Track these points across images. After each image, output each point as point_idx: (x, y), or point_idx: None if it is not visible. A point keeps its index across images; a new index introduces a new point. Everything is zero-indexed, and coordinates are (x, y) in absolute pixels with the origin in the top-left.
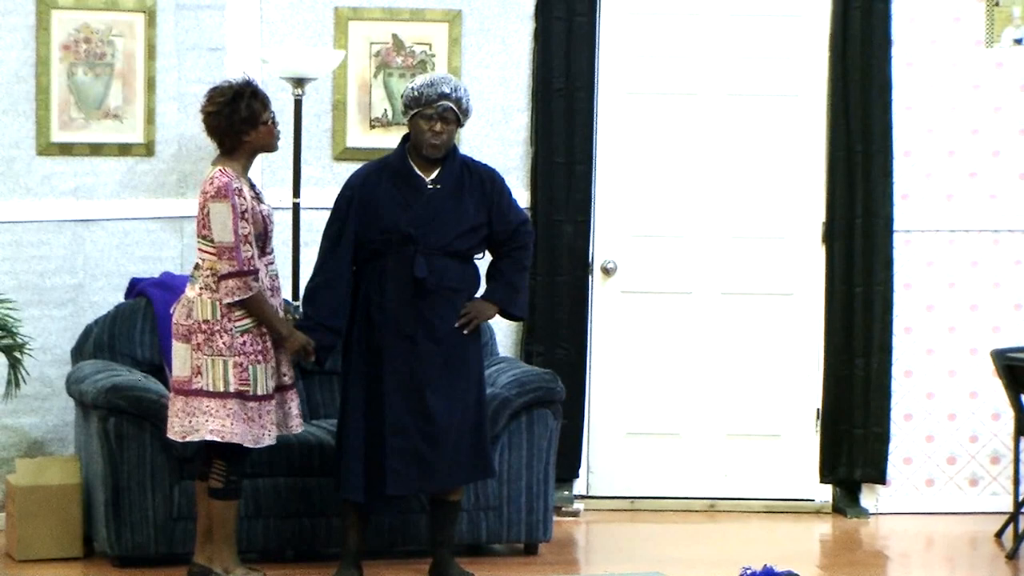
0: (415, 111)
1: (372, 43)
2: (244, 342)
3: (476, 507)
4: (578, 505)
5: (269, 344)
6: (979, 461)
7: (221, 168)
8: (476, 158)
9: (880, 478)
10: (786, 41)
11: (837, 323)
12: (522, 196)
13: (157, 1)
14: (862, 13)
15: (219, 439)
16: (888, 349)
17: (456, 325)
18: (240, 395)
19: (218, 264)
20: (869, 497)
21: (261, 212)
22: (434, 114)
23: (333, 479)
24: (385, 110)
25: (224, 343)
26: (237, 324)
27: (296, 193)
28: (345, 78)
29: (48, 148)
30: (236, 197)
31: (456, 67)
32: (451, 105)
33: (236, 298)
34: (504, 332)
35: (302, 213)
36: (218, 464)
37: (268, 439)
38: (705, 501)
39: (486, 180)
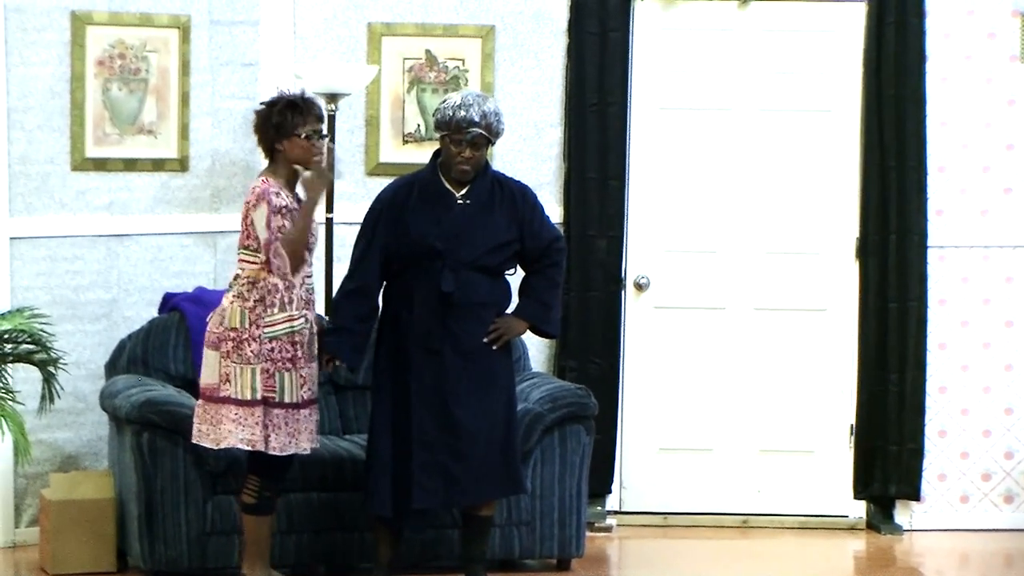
0: (445, 133)
1: (405, 59)
2: (272, 348)
3: (509, 522)
4: (611, 521)
5: (300, 354)
6: (1014, 478)
7: (264, 177)
8: (509, 173)
9: (914, 495)
10: (820, 56)
11: (871, 339)
12: (555, 211)
13: (191, 17)
14: (896, 28)
15: (247, 447)
16: (922, 365)
17: (485, 340)
18: (266, 402)
19: (260, 269)
20: (903, 514)
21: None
22: (463, 140)
23: (363, 493)
24: (418, 125)
25: (252, 351)
26: (266, 331)
27: (329, 208)
28: (378, 93)
29: (83, 163)
30: (274, 198)
31: (489, 83)
32: (480, 131)
33: (284, 264)
34: (537, 347)
35: (335, 228)
36: (252, 479)
37: (294, 447)
38: (738, 517)
39: (517, 196)
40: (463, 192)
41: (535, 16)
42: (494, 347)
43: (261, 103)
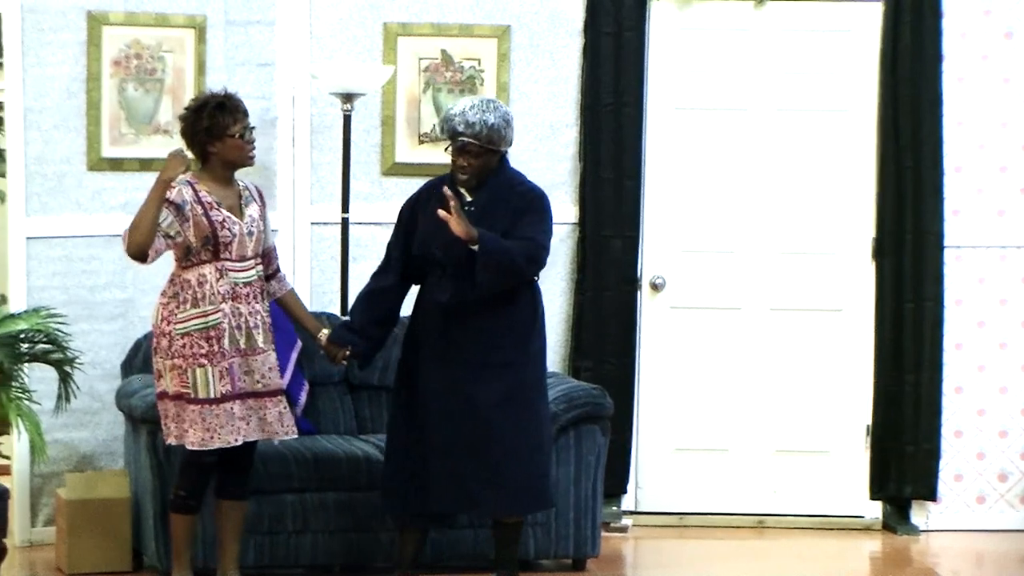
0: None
1: (421, 58)
2: (184, 344)
3: (524, 523)
4: (626, 521)
5: (217, 349)
6: None
7: (191, 175)
8: (524, 173)
9: (930, 495)
10: (836, 56)
11: (887, 339)
12: (570, 211)
13: (207, 17)
14: (912, 28)
15: (173, 443)
16: (938, 365)
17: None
18: (180, 397)
19: (177, 265)
20: (919, 514)
21: (212, 218)
22: (455, 147)
23: (380, 494)
24: (434, 125)
25: (164, 346)
26: (177, 327)
27: (345, 208)
28: (394, 93)
29: (98, 163)
30: (172, 192)
31: (504, 82)
32: (468, 140)
33: (124, 243)
34: (552, 348)
35: (351, 228)
36: (179, 476)
37: (217, 442)
38: (754, 517)
39: (524, 197)
40: (472, 199)
41: (551, 16)
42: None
43: (185, 108)
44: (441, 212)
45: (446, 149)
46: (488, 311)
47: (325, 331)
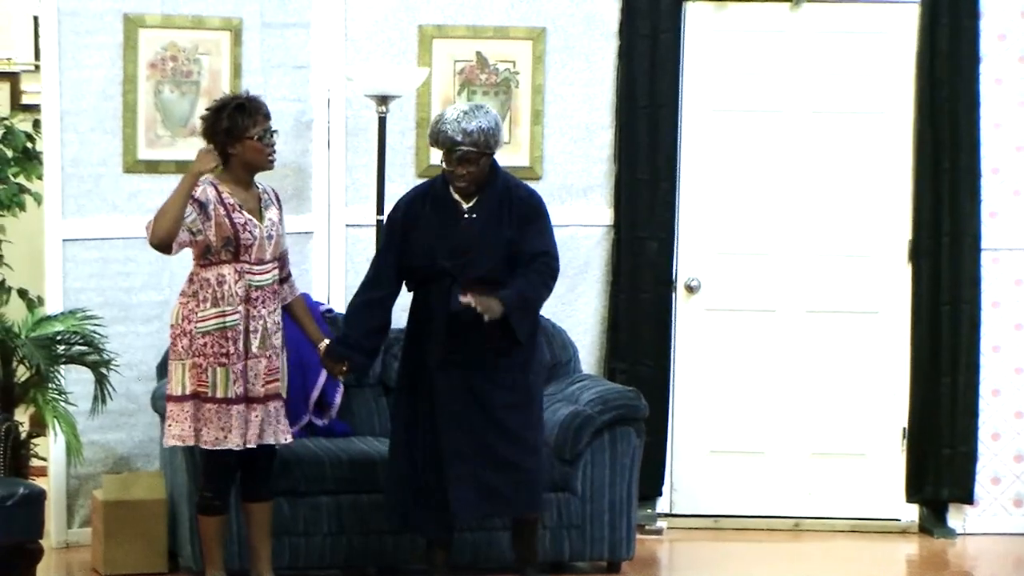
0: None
1: (456, 61)
2: (205, 344)
3: (559, 525)
4: (661, 523)
5: (233, 350)
6: None
7: (210, 179)
8: (559, 175)
9: (967, 498)
10: (872, 58)
11: (923, 342)
12: (605, 213)
13: (243, 19)
14: (950, 30)
15: (179, 443)
16: (975, 368)
17: (461, 303)
18: (196, 396)
19: (196, 264)
20: (956, 517)
21: (235, 220)
22: (453, 158)
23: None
24: None
25: (183, 346)
26: (198, 326)
27: (380, 210)
28: (429, 96)
29: (135, 166)
30: (197, 191)
31: (539, 84)
32: (467, 148)
33: (148, 232)
34: (587, 350)
35: None
36: (202, 478)
37: (226, 443)
38: (789, 520)
39: (524, 203)
40: (470, 205)
41: (586, 18)
42: (464, 304)
43: (207, 108)
44: (463, 299)
45: (441, 160)
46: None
47: (325, 342)
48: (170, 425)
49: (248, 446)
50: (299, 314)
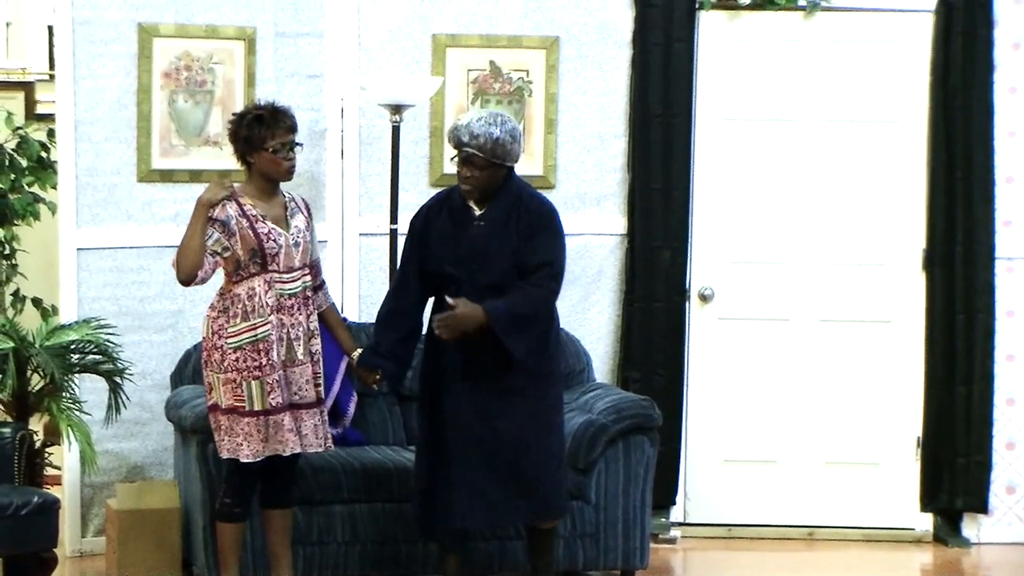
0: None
1: (469, 70)
2: (237, 358)
3: (573, 534)
4: (675, 532)
5: (266, 361)
6: None
7: (238, 185)
8: (573, 184)
9: (982, 507)
10: (886, 67)
11: (938, 351)
12: (619, 222)
13: (257, 29)
14: (964, 39)
15: (227, 455)
16: (990, 377)
17: (436, 326)
18: (234, 411)
19: (226, 280)
20: (971, 527)
21: (258, 230)
22: (459, 158)
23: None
24: None
25: (215, 360)
26: (229, 341)
27: (393, 219)
28: (442, 105)
29: (149, 175)
30: (217, 209)
31: (553, 93)
32: (471, 151)
33: (175, 269)
34: (601, 358)
35: (399, 239)
36: (224, 485)
37: (267, 452)
38: (803, 529)
39: (533, 214)
40: (481, 212)
41: (599, 27)
42: (436, 331)
43: (233, 113)
44: (450, 301)
45: (452, 159)
46: None
47: (358, 351)
48: (220, 437)
49: (287, 452)
50: (332, 323)
